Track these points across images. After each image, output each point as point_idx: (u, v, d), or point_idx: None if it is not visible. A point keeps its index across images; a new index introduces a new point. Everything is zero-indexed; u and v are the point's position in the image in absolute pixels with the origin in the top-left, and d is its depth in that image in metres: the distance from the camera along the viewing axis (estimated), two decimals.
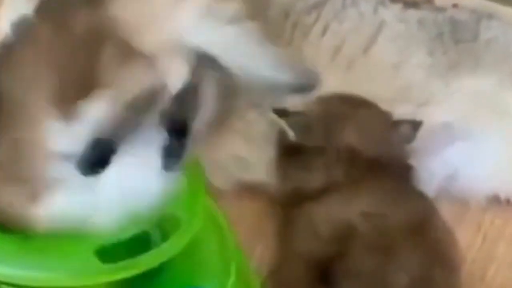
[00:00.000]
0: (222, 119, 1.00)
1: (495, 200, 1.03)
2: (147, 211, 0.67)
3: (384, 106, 0.98)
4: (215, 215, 0.77)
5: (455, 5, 1.15)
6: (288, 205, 0.93)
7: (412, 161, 0.97)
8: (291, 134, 0.94)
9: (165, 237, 0.67)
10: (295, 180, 0.94)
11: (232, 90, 0.89)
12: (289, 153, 0.95)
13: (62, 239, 0.63)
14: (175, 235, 0.65)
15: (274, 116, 0.95)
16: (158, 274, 0.67)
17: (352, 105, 0.96)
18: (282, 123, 0.94)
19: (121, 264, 0.60)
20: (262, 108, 1.00)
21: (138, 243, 0.66)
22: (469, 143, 1.02)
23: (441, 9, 1.12)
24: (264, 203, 1.00)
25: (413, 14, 1.08)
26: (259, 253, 0.94)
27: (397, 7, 1.09)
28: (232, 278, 0.69)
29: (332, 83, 0.99)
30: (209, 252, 0.73)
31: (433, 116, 1.01)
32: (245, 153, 1.01)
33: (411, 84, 1.02)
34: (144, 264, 0.62)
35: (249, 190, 1.01)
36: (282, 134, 0.96)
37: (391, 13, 1.07)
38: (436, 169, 1.01)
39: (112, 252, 0.64)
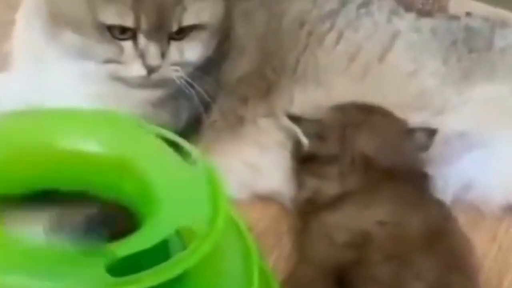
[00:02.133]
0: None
1: (510, 209, 1.02)
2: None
3: (398, 113, 0.97)
4: (237, 222, 0.76)
5: (468, 14, 1.15)
6: (303, 213, 0.93)
7: (427, 170, 0.96)
8: (305, 142, 0.94)
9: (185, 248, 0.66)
10: (310, 188, 0.93)
11: None
12: (304, 162, 0.95)
13: (74, 252, 0.62)
14: (191, 246, 0.63)
15: (288, 122, 0.95)
16: (179, 285, 0.66)
17: (366, 113, 0.95)
18: (297, 130, 0.94)
19: (127, 278, 0.59)
20: (276, 117, 1.00)
21: (159, 253, 0.64)
22: (484, 152, 1.02)
23: (454, 18, 1.12)
24: (278, 211, 1.00)
25: (426, 23, 1.08)
26: (274, 260, 0.94)
27: (411, 16, 1.09)
28: (255, 287, 0.68)
29: (347, 90, 1.00)
30: (232, 261, 0.72)
31: (447, 125, 1.01)
32: (259, 162, 1.01)
33: (426, 92, 1.02)
34: (156, 277, 0.60)
35: (263, 198, 1.01)
36: (296, 143, 0.96)
37: (405, 22, 1.07)
38: (451, 178, 1.01)
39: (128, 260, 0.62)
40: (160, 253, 0.64)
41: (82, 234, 0.72)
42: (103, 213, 0.77)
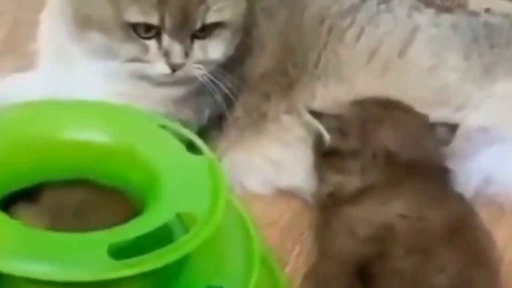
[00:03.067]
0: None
1: None
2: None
3: (419, 109, 0.98)
4: (240, 212, 0.77)
5: (487, 10, 1.15)
6: (325, 207, 0.94)
7: (449, 164, 0.97)
8: (327, 137, 0.95)
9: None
10: (331, 183, 0.94)
11: None
12: (326, 156, 0.96)
13: (76, 236, 0.64)
14: (191, 231, 0.64)
15: (309, 118, 0.96)
16: (179, 272, 0.67)
17: (388, 108, 0.96)
18: (318, 125, 0.95)
19: (130, 261, 0.60)
20: (298, 113, 1.01)
21: (161, 238, 0.65)
22: (505, 147, 1.03)
23: (474, 14, 1.13)
24: (300, 207, 1.01)
25: (446, 18, 1.09)
26: (296, 254, 0.95)
27: (431, 11, 1.10)
28: (255, 276, 0.69)
29: (368, 85, 1.01)
30: (233, 248, 0.73)
31: (469, 120, 1.01)
32: (281, 158, 1.02)
33: (447, 87, 1.03)
34: (156, 261, 0.62)
35: (285, 194, 1.02)
36: (318, 138, 0.97)
37: (425, 18, 1.08)
38: (472, 173, 1.02)
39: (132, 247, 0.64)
40: (163, 240, 0.65)
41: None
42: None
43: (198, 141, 0.77)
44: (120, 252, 0.61)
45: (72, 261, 0.61)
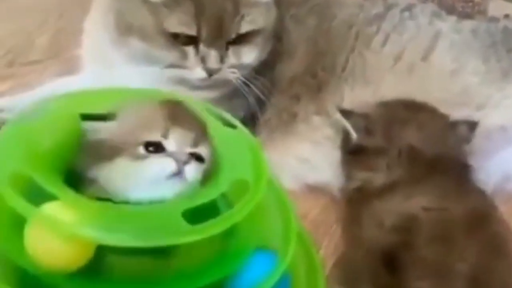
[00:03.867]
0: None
1: None
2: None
3: (442, 109, 1.03)
4: (277, 187, 0.83)
5: (506, 16, 1.21)
6: (352, 201, 0.99)
7: (470, 162, 1.02)
8: (354, 135, 1.00)
9: (230, 202, 0.74)
10: (359, 179, 1.00)
11: None
12: (353, 154, 1.01)
13: (152, 207, 0.70)
14: (246, 196, 0.72)
15: (339, 117, 1.01)
16: (231, 236, 0.74)
17: (411, 108, 1.02)
18: (346, 124, 1.00)
19: (207, 224, 0.67)
20: (326, 113, 1.07)
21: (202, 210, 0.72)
22: None
23: (493, 20, 1.18)
24: (328, 202, 1.06)
25: (467, 24, 1.14)
26: (325, 245, 1.00)
27: (452, 18, 1.15)
28: (292, 245, 0.75)
29: (393, 87, 1.06)
30: (273, 220, 0.79)
31: (488, 120, 1.07)
32: (310, 156, 1.08)
33: (467, 89, 1.08)
34: (226, 223, 0.69)
35: (314, 189, 1.08)
36: (346, 136, 1.02)
37: (446, 24, 1.13)
38: (492, 170, 1.07)
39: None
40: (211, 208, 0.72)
41: None
42: None
43: (233, 119, 0.84)
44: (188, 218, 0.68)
45: (155, 229, 0.67)
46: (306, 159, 1.08)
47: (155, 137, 0.72)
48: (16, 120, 0.78)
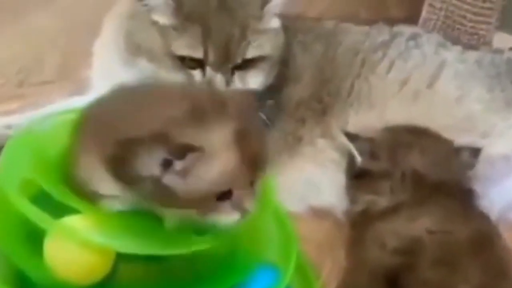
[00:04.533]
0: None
1: None
2: None
3: (446, 136, 1.04)
4: (278, 207, 0.85)
5: (511, 48, 1.22)
6: (356, 224, 1.00)
7: (473, 188, 1.03)
8: (358, 159, 1.01)
9: None
10: (363, 202, 1.00)
11: None
12: (357, 177, 1.02)
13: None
14: None
15: (344, 140, 1.03)
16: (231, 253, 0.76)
17: (415, 134, 1.03)
18: (351, 147, 1.02)
19: (209, 236, 0.70)
20: (332, 137, 1.08)
21: None
22: None
23: (498, 51, 1.20)
24: (332, 224, 1.07)
25: (472, 55, 1.16)
26: (329, 267, 1.00)
27: (457, 48, 1.17)
28: (292, 264, 0.77)
29: (398, 113, 1.08)
30: (273, 237, 0.81)
31: (492, 148, 1.08)
32: (315, 179, 1.09)
33: (472, 116, 1.10)
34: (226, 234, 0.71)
35: (318, 212, 1.08)
36: (350, 160, 1.03)
37: (451, 54, 1.15)
38: (496, 198, 1.07)
39: None
40: None
41: None
42: None
43: None
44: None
45: (166, 238, 0.70)
46: (311, 181, 1.09)
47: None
48: (24, 130, 0.80)
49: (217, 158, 0.67)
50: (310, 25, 1.16)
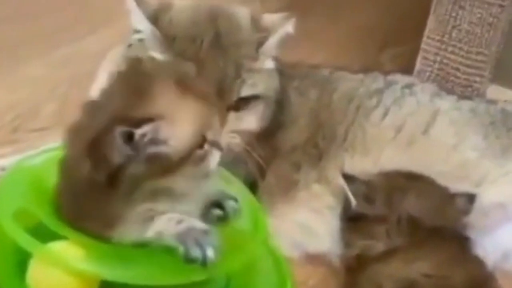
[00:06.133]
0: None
1: None
2: None
3: (441, 182, 1.04)
4: (274, 249, 0.84)
5: (505, 101, 1.23)
6: (352, 269, 0.98)
7: (469, 235, 1.02)
8: (353, 202, 1.01)
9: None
10: (358, 246, 0.99)
11: None
12: (352, 221, 1.01)
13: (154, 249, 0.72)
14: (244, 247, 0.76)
15: (341, 181, 1.02)
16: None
17: (411, 179, 1.02)
18: (347, 189, 1.01)
19: (207, 266, 0.69)
20: (327, 182, 1.08)
21: None
22: None
23: (492, 102, 1.21)
24: (327, 270, 1.06)
25: (466, 103, 1.17)
26: None
27: (452, 98, 1.18)
28: None
29: (393, 158, 1.08)
30: (268, 275, 0.80)
31: (488, 196, 1.07)
32: (310, 224, 1.08)
33: (467, 163, 1.09)
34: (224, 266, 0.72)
35: (313, 258, 1.07)
36: (346, 204, 1.03)
37: (446, 103, 1.16)
38: (491, 247, 1.06)
39: None
40: None
41: None
42: None
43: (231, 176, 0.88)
44: None
45: (158, 268, 0.70)
46: (306, 227, 1.08)
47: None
48: (18, 164, 0.80)
49: (177, 115, 0.73)
50: (306, 71, 1.17)
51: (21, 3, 1.60)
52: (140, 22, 1.02)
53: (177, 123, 0.73)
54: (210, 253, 0.69)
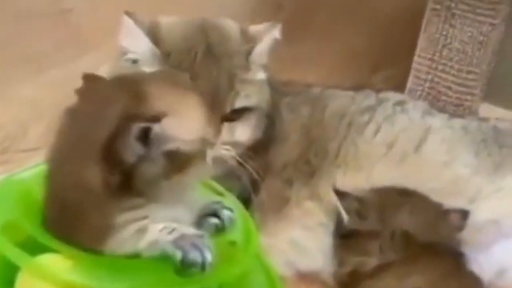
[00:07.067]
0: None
1: None
2: None
3: (434, 199, 1.03)
4: (266, 263, 0.83)
5: (497, 119, 1.23)
6: (346, 285, 0.97)
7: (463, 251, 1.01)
8: (345, 218, 1.00)
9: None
10: (352, 263, 0.98)
11: None
12: (346, 238, 1.00)
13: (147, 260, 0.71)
14: (237, 257, 0.74)
15: (333, 197, 1.01)
16: None
17: (404, 195, 1.02)
18: (339, 205, 1.00)
19: (195, 277, 0.68)
20: (319, 199, 1.07)
21: None
22: None
23: (484, 119, 1.21)
24: (321, 287, 1.04)
25: (458, 121, 1.17)
26: None
27: (444, 116, 1.18)
28: None
29: (385, 175, 1.07)
30: None
31: (481, 213, 1.06)
32: (303, 242, 1.07)
33: (459, 180, 1.09)
34: (218, 277, 0.70)
35: (306, 275, 1.06)
36: (339, 220, 1.02)
37: (438, 120, 1.16)
38: (485, 264, 1.05)
39: None
40: None
41: None
42: None
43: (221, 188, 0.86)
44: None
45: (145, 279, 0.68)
46: (298, 244, 1.07)
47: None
48: (9, 176, 0.79)
49: (184, 112, 0.73)
50: (298, 89, 1.17)
51: (10, 24, 1.60)
52: (138, 41, 1.02)
53: (183, 118, 0.72)
54: (208, 255, 0.68)
